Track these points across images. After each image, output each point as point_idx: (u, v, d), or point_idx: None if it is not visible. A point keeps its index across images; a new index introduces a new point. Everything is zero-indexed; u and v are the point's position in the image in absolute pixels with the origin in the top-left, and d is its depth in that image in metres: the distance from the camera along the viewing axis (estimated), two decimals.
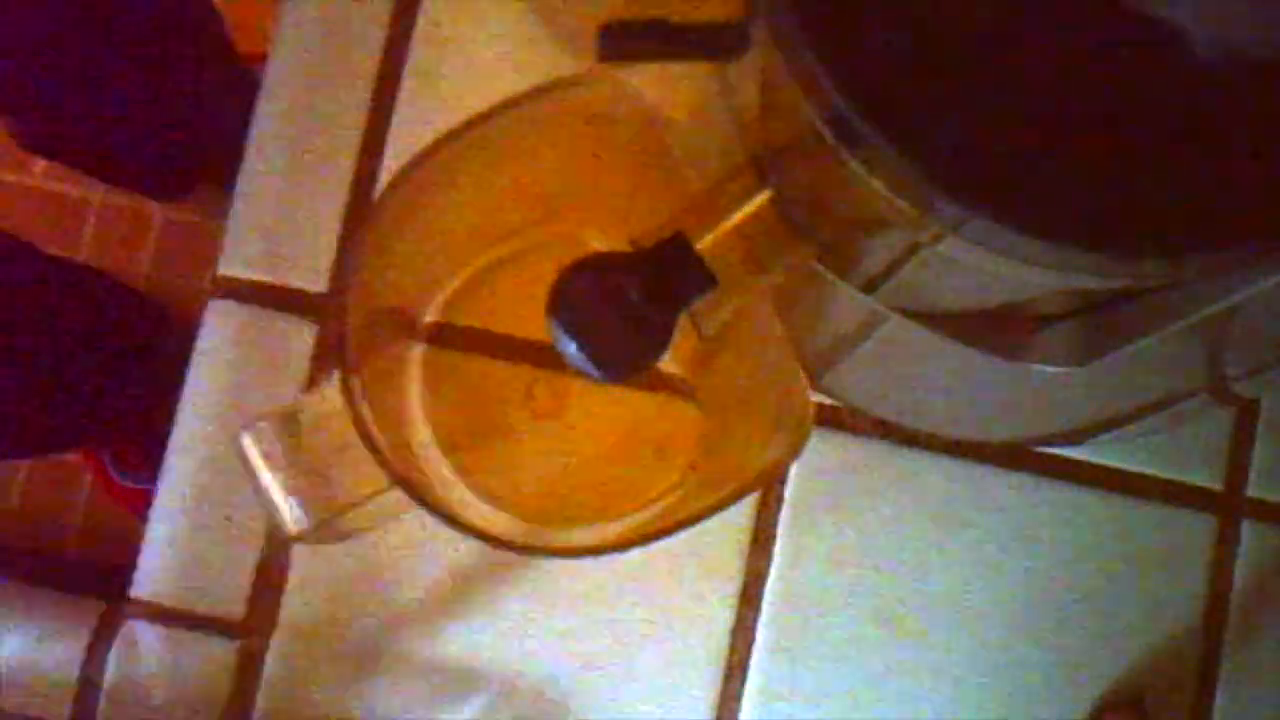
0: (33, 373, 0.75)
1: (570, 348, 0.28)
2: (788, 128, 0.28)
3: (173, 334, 0.96)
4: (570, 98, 0.32)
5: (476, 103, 0.31)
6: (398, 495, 0.31)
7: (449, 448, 0.36)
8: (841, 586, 0.43)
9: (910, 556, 0.43)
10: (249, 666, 0.42)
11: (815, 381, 0.40)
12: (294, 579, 0.42)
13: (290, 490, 0.31)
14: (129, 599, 0.42)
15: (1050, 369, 0.29)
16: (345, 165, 0.44)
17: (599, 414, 0.38)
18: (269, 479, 0.31)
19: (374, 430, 0.31)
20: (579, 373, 0.28)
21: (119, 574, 0.43)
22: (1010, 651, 0.42)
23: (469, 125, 0.31)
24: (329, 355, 0.43)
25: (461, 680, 0.42)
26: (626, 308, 0.28)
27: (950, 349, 0.31)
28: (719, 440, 0.37)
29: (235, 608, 0.42)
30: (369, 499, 0.31)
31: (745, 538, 0.43)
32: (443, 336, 0.38)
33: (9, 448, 0.82)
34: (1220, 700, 0.42)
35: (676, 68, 0.30)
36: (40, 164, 1.10)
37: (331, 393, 0.31)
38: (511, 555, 0.42)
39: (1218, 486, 0.44)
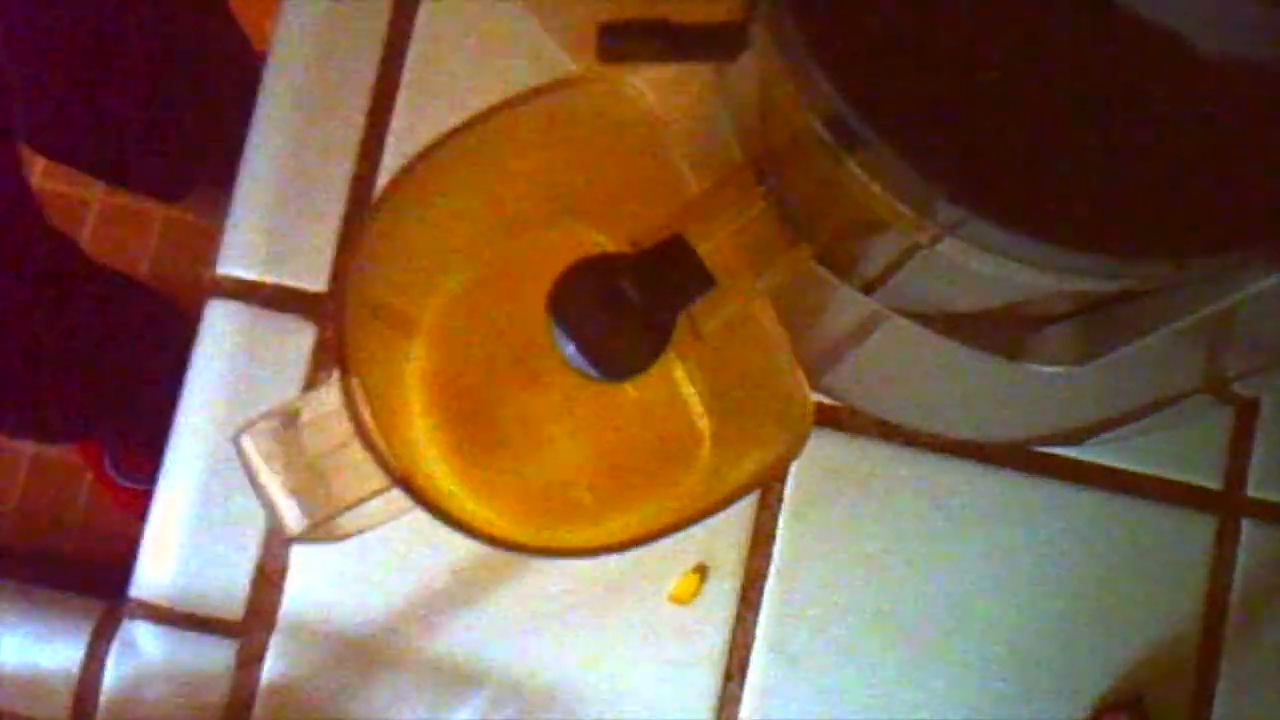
0: (45, 356, 0.75)
1: (570, 348, 0.28)
2: (787, 129, 0.28)
3: (179, 328, 0.96)
4: (570, 98, 0.32)
5: (476, 103, 0.31)
6: (398, 495, 0.31)
7: (449, 448, 0.36)
8: (841, 586, 0.43)
9: (910, 556, 0.43)
10: (249, 666, 0.42)
11: (815, 381, 0.40)
12: (294, 579, 0.42)
13: (290, 490, 0.31)
14: (129, 599, 0.42)
15: (1050, 369, 0.29)
16: (345, 165, 0.44)
17: (598, 415, 0.38)
18: (269, 479, 0.31)
19: (374, 430, 0.31)
20: (579, 373, 0.28)
21: (119, 574, 0.43)
22: (1010, 651, 0.42)
23: (469, 125, 0.31)
24: (329, 355, 0.43)
25: (461, 680, 0.42)
26: (626, 308, 0.28)
27: (950, 349, 0.31)
28: (719, 440, 0.37)
29: (235, 608, 0.42)
30: (369, 499, 0.31)
31: (745, 538, 0.43)
32: (442, 336, 0.38)
33: (23, 427, 0.83)
34: (1220, 700, 0.42)
35: (676, 68, 0.30)
36: (40, 164, 1.10)
37: (331, 393, 0.31)
38: (511, 555, 0.42)
39: (1218, 486, 0.43)
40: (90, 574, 1.02)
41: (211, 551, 0.42)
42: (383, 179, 0.44)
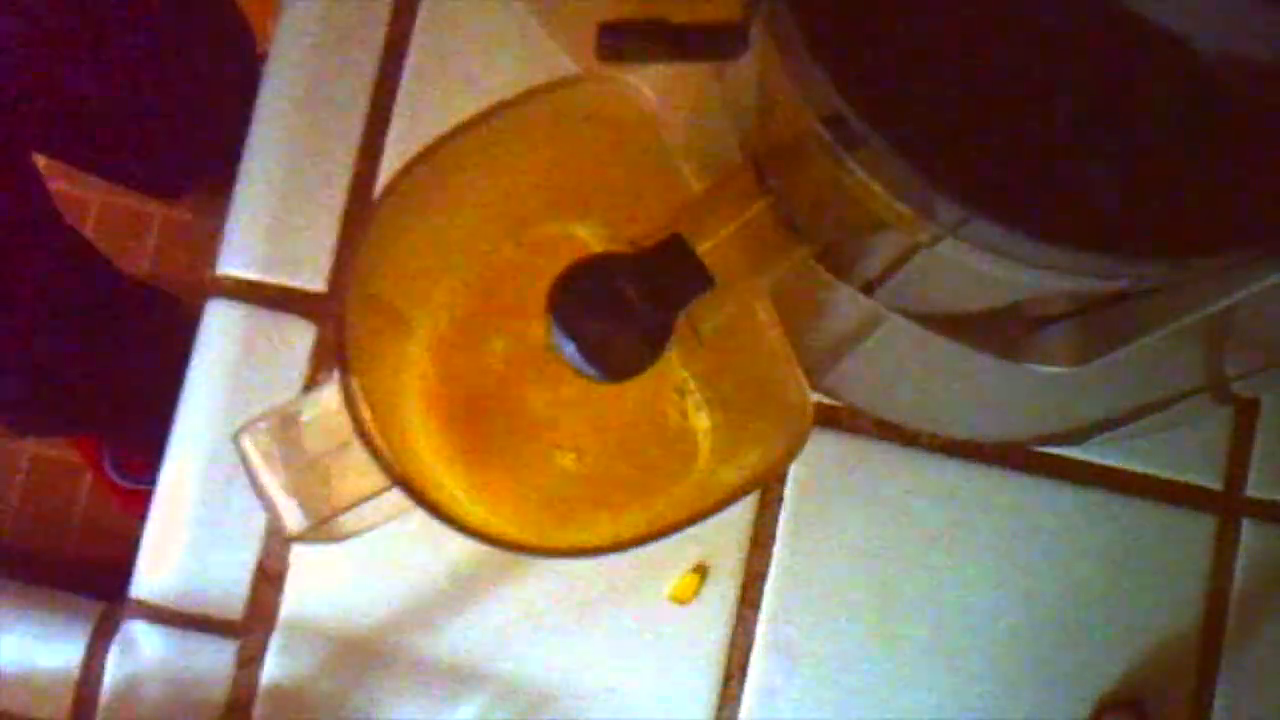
0: (44, 349, 0.75)
1: (570, 348, 0.28)
2: (787, 128, 0.28)
3: (179, 328, 0.96)
4: (570, 98, 0.32)
5: (476, 103, 0.31)
6: (398, 495, 0.31)
7: (448, 447, 0.36)
8: (841, 587, 0.43)
9: (910, 556, 0.43)
10: (249, 666, 0.42)
11: (815, 381, 0.40)
12: (294, 579, 0.42)
13: (290, 490, 0.31)
14: (129, 599, 0.42)
15: (1050, 369, 0.29)
16: (345, 165, 0.44)
17: (598, 414, 0.38)
18: (269, 479, 0.31)
19: (374, 430, 0.31)
20: (579, 373, 0.28)
21: (119, 574, 0.43)
22: (1010, 651, 0.42)
23: (468, 125, 0.31)
24: (329, 355, 0.43)
25: (461, 680, 0.42)
26: (625, 308, 0.28)
27: (950, 349, 0.31)
28: (719, 440, 0.37)
29: (235, 608, 0.42)
30: (369, 499, 0.31)
31: (745, 538, 0.43)
32: (442, 336, 0.38)
33: (21, 423, 0.83)
34: (1220, 700, 0.42)
35: (676, 68, 0.30)
36: (40, 163, 1.10)
37: (331, 393, 0.31)
38: (511, 555, 0.42)
39: (1218, 486, 0.43)
40: (90, 574, 1.02)
41: (211, 551, 0.42)
42: (383, 179, 0.44)
